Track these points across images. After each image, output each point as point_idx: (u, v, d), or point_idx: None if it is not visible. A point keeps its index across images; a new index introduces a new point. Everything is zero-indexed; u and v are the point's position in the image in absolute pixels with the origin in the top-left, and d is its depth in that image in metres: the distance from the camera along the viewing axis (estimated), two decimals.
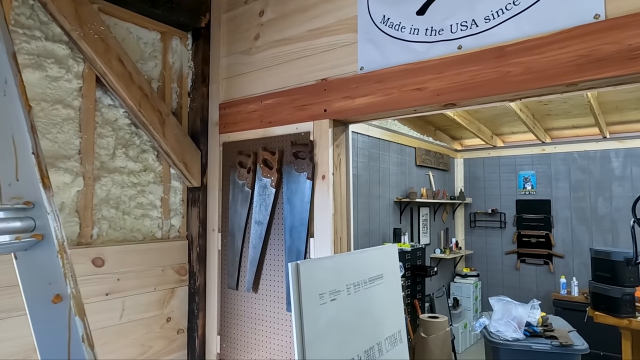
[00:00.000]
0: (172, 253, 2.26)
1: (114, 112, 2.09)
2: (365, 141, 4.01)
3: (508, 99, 1.52)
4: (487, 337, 2.69)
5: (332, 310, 1.71)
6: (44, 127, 1.84)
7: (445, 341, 2.85)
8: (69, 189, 1.90)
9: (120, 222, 2.09)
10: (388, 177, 4.38)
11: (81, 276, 1.87)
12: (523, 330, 2.60)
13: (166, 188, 2.28)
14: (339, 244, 1.89)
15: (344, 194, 1.94)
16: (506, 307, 2.65)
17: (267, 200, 2.03)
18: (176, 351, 2.25)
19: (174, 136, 2.19)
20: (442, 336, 2.84)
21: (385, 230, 4.25)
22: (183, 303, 2.29)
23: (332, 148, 1.87)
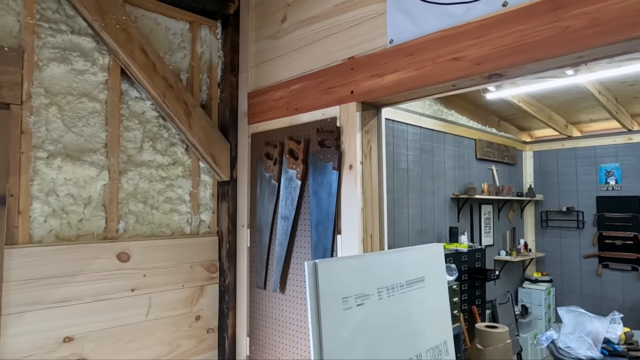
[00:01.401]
0: (202, 249, 2.18)
1: (141, 105, 2.05)
2: (416, 133, 3.71)
3: (570, 64, 1.22)
4: (555, 353, 2.31)
5: (358, 317, 1.50)
6: (70, 120, 1.83)
7: (505, 354, 2.51)
8: (94, 182, 1.88)
9: (149, 217, 2.05)
10: (443, 172, 4.04)
11: (105, 271, 1.84)
12: (600, 348, 2.19)
13: (195, 182, 2.21)
14: (369, 242, 1.68)
15: (375, 185, 1.72)
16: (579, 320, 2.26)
17: (292, 194, 1.87)
18: (206, 351, 2.16)
19: (200, 128, 2.11)
20: (501, 349, 2.50)
21: (441, 229, 3.92)
22: (213, 301, 2.21)
23: (360, 134, 1.66)
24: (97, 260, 1.83)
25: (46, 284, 1.69)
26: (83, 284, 1.78)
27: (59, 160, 1.78)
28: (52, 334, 1.69)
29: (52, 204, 1.76)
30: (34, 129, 1.72)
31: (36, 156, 1.72)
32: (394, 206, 3.43)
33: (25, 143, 1.68)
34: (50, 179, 1.76)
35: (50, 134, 1.77)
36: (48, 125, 1.76)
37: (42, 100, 1.75)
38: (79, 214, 1.83)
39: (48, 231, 1.74)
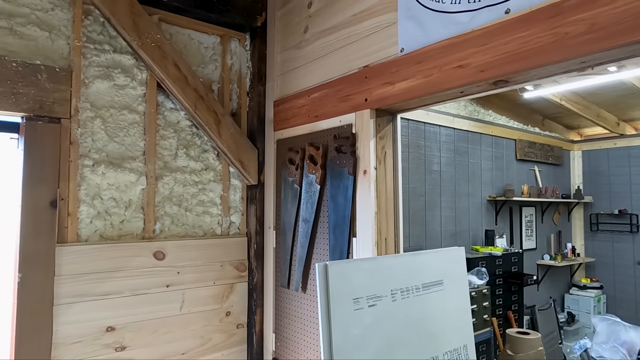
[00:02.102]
0: (232, 249, 2.32)
1: (176, 115, 2.22)
2: (449, 134, 3.68)
3: (575, 69, 1.21)
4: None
5: (370, 318, 1.56)
6: (113, 131, 2.02)
7: None
8: (134, 187, 2.06)
9: (183, 219, 2.21)
10: (480, 173, 3.96)
11: (143, 268, 2.02)
12: (636, 358, 2.08)
13: (225, 186, 2.35)
14: (383, 245, 1.73)
15: (390, 190, 1.77)
16: (613, 329, 2.16)
17: (312, 198, 1.96)
18: (235, 345, 2.30)
19: (229, 135, 2.25)
20: (532, 356, 2.43)
21: (477, 231, 3.85)
22: (242, 299, 2.34)
23: (374, 140, 1.71)
24: (136, 258, 2.01)
25: (92, 278, 1.89)
26: (123, 279, 1.97)
27: (102, 167, 1.97)
28: (97, 323, 1.89)
29: (97, 207, 1.96)
30: (81, 139, 1.92)
31: (83, 164, 1.93)
32: (426, 209, 3.42)
33: (73, 152, 1.89)
34: (96, 184, 1.96)
35: (95, 143, 1.97)
36: (93, 136, 1.96)
37: (88, 113, 1.95)
38: (121, 216, 2.02)
39: (93, 231, 1.94)
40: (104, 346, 1.90)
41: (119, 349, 1.94)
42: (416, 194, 3.34)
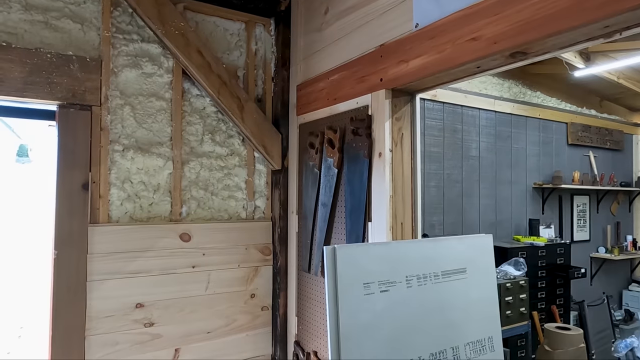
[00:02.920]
0: (256, 233, 2.36)
1: (201, 101, 2.27)
2: (490, 118, 3.48)
3: (598, 35, 1.09)
4: None
5: (382, 303, 1.53)
6: (141, 117, 2.11)
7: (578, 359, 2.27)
8: (162, 171, 2.15)
9: (209, 202, 2.27)
10: (524, 159, 3.73)
11: (170, 249, 2.11)
12: None
13: (250, 171, 2.38)
14: (399, 230, 1.68)
15: (407, 174, 1.70)
16: None
17: (330, 182, 1.94)
18: (260, 327, 2.35)
19: (253, 121, 2.27)
20: (572, 353, 2.27)
21: (520, 221, 3.64)
22: (267, 282, 2.38)
23: (389, 122, 1.66)
24: (163, 239, 2.10)
25: (122, 257, 2.00)
26: (152, 259, 2.06)
27: (132, 152, 2.07)
28: (127, 299, 2.00)
29: (127, 190, 2.06)
30: (111, 126, 2.03)
31: (113, 149, 2.03)
32: (462, 196, 3.28)
33: (104, 138, 1.99)
34: (126, 168, 2.06)
35: (125, 130, 2.07)
36: (123, 123, 2.06)
37: (118, 101, 2.05)
38: (149, 199, 2.12)
39: (124, 213, 2.05)
40: (134, 321, 2.01)
41: (148, 325, 2.04)
42: (452, 181, 3.21)
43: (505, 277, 2.61)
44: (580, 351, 2.31)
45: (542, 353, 2.48)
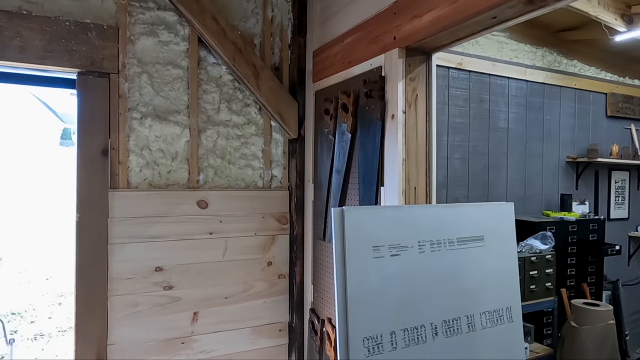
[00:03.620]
0: (273, 202, 2.36)
1: (218, 70, 2.27)
2: (520, 87, 3.31)
3: None
4: None
5: (392, 267, 1.50)
6: (158, 86, 2.13)
7: (606, 337, 2.16)
8: (179, 139, 2.17)
9: (226, 171, 2.29)
10: (557, 132, 3.54)
11: (188, 215, 2.15)
12: None
13: (267, 140, 2.38)
14: (412, 194, 1.63)
15: (421, 136, 1.65)
16: None
17: (344, 148, 1.90)
18: (277, 294, 2.37)
19: (268, 88, 2.25)
20: (600, 329, 2.16)
21: (551, 196, 3.48)
22: (284, 250, 2.39)
23: (403, 82, 1.59)
24: (181, 206, 2.14)
25: (141, 222, 2.06)
26: (170, 224, 2.11)
27: (149, 120, 2.10)
28: (147, 263, 2.06)
29: (146, 157, 2.10)
30: (129, 94, 2.06)
31: (132, 117, 2.07)
32: (489, 169, 3.16)
33: (122, 105, 2.03)
34: (144, 136, 2.10)
35: (143, 97, 2.10)
36: (141, 91, 2.09)
37: (135, 69, 2.07)
38: (168, 166, 2.15)
39: (143, 179, 2.10)
40: (154, 284, 2.08)
41: (167, 288, 2.10)
42: (477, 153, 3.10)
43: (531, 250, 2.51)
44: (609, 328, 2.19)
45: (568, 329, 2.38)
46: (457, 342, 1.60)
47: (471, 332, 1.65)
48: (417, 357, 1.49)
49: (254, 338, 2.30)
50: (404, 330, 1.50)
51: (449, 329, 1.60)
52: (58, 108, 12.82)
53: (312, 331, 2.21)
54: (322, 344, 2.10)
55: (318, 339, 2.12)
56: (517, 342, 1.78)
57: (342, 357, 1.36)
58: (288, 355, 2.38)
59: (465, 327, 1.64)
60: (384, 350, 1.45)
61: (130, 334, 2.02)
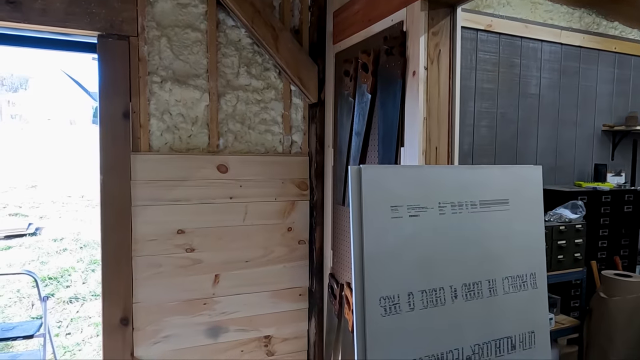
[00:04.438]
0: (293, 167, 2.35)
1: (237, 33, 2.23)
2: (554, 51, 3.13)
3: None
4: None
5: (411, 228, 1.47)
6: (178, 49, 2.12)
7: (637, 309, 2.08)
8: (199, 103, 2.17)
9: (246, 136, 2.28)
10: (594, 99, 3.35)
11: (208, 179, 2.16)
12: None
13: (286, 104, 2.34)
14: (433, 155, 1.58)
15: (444, 94, 1.58)
16: None
17: (364, 109, 1.85)
18: (297, 260, 2.38)
19: (287, 51, 2.20)
20: (631, 301, 2.07)
21: (584, 167, 3.32)
22: (304, 216, 2.39)
23: (425, 36, 1.52)
24: (201, 170, 2.15)
25: (163, 185, 2.09)
26: (191, 188, 2.13)
27: (169, 84, 2.10)
28: (169, 225, 2.10)
29: (167, 121, 2.12)
30: (149, 57, 2.06)
31: (152, 80, 2.07)
32: (518, 138, 3.03)
33: (142, 69, 2.04)
34: (164, 100, 2.10)
35: (163, 61, 2.09)
36: (160, 54, 2.09)
37: (155, 32, 2.07)
38: (188, 131, 2.16)
39: (164, 143, 2.11)
40: (176, 246, 2.12)
41: (189, 250, 2.14)
42: (506, 120, 2.97)
43: (560, 220, 2.42)
44: None
45: (596, 300, 2.30)
46: (477, 306, 1.56)
47: (492, 297, 1.61)
48: (435, 319, 1.47)
49: (275, 301, 2.33)
50: (422, 292, 1.48)
51: (469, 292, 1.56)
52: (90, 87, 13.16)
53: (331, 296, 2.22)
54: (341, 308, 2.11)
55: (337, 303, 2.13)
56: (540, 309, 1.73)
57: (358, 316, 1.35)
58: (308, 319, 2.41)
59: (487, 291, 1.60)
60: (401, 311, 1.43)
61: (154, 294, 2.08)
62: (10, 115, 40.44)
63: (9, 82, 57.16)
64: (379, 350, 1.38)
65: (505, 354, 1.62)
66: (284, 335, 2.37)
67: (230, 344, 2.25)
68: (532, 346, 1.69)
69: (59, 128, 28.00)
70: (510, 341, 1.64)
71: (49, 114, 39.10)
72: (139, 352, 2.06)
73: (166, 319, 2.11)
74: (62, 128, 29.38)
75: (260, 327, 2.31)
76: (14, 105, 44.00)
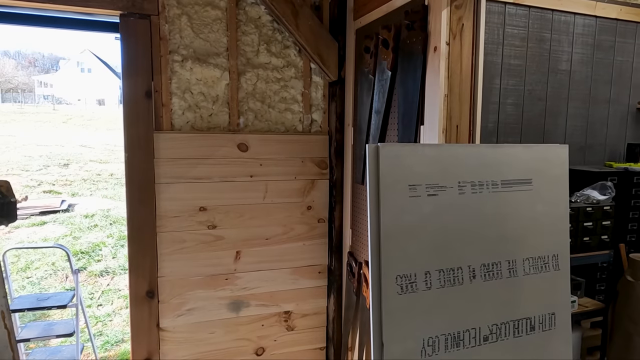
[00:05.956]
0: (312, 146, 2.35)
1: (257, 10, 2.21)
2: (588, 25, 2.97)
3: None
4: None
5: (429, 207, 1.46)
6: (198, 27, 2.13)
7: None
8: (219, 82, 2.18)
9: (266, 115, 2.29)
10: (630, 74, 3.18)
11: (229, 158, 2.19)
12: None
13: (306, 83, 2.33)
14: (454, 133, 1.55)
15: (466, 70, 1.53)
16: None
17: (384, 86, 1.82)
18: (317, 238, 2.41)
19: (307, 27, 2.17)
20: None
21: (616, 147, 3.18)
22: (324, 195, 2.40)
23: (447, 10, 1.47)
24: (222, 148, 2.18)
25: (185, 163, 2.13)
26: (212, 166, 2.17)
27: (190, 62, 2.12)
28: (191, 202, 2.15)
29: (188, 100, 2.14)
30: (169, 36, 2.07)
31: (173, 59, 2.09)
32: (546, 116, 2.92)
33: (163, 48, 2.05)
34: (186, 79, 2.12)
35: (183, 40, 2.10)
36: (181, 33, 2.09)
37: (175, 10, 2.07)
38: (209, 110, 2.18)
39: (185, 122, 2.15)
40: (198, 223, 2.17)
41: (211, 227, 2.19)
42: (533, 98, 2.86)
43: (587, 201, 2.34)
44: None
45: (623, 283, 2.24)
46: (496, 286, 1.55)
47: (512, 278, 1.59)
48: (452, 298, 1.47)
49: (295, 278, 2.38)
50: (440, 271, 1.47)
51: (488, 272, 1.55)
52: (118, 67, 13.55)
53: (349, 274, 2.24)
54: (359, 286, 2.13)
55: (355, 281, 2.15)
56: (562, 291, 1.70)
57: (374, 293, 1.36)
58: (327, 296, 2.45)
59: (506, 272, 1.58)
60: (417, 289, 1.43)
61: (178, 268, 2.15)
62: (43, 96, 41.75)
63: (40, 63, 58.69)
64: (395, 327, 1.40)
65: (523, 334, 1.61)
66: (303, 311, 2.42)
67: (251, 318, 2.31)
68: (552, 327, 1.67)
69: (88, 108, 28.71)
70: (529, 322, 1.63)
71: (79, 94, 40.11)
72: (164, 323, 2.15)
73: (190, 292, 2.18)
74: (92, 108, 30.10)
75: (281, 302, 2.36)
76: (46, 86, 45.34)
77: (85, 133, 16.48)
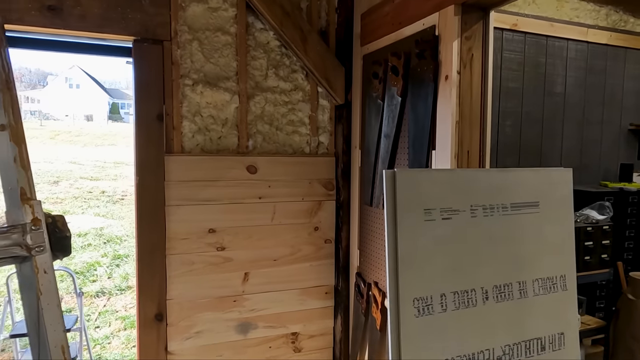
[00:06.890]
0: (319, 168, 2.38)
1: (265, 35, 2.27)
2: (580, 49, 3.10)
3: None
4: None
5: (443, 230, 1.49)
6: (208, 52, 2.17)
7: None
8: (229, 105, 2.22)
9: (274, 137, 2.32)
10: (621, 97, 3.31)
11: (238, 180, 2.21)
12: None
13: (313, 106, 2.38)
14: (465, 158, 1.60)
15: (476, 98, 1.59)
16: None
17: (394, 112, 1.87)
18: (324, 259, 2.43)
19: (316, 53, 2.23)
20: None
21: (610, 166, 3.29)
22: (330, 216, 2.42)
23: (458, 41, 1.53)
24: (232, 170, 2.20)
25: (195, 185, 2.14)
26: (221, 188, 2.19)
27: (201, 86, 2.15)
28: (200, 224, 2.16)
29: (198, 123, 2.17)
30: (181, 61, 2.11)
31: (184, 83, 2.12)
32: (542, 137, 3.02)
33: (175, 72, 2.09)
34: (196, 102, 2.15)
35: (194, 64, 2.14)
36: (192, 57, 2.13)
37: (186, 36, 2.11)
38: (218, 132, 2.21)
39: (195, 145, 2.17)
40: (207, 244, 2.18)
41: (220, 249, 2.20)
42: (531, 120, 2.96)
43: (587, 221, 2.41)
44: None
45: (623, 301, 2.30)
46: (507, 307, 1.58)
47: (523, 299, 1.62)
48: (466, 320, 1.49)
49: (302, 299, 2.38)
50: (454, 293, 1.50)
51: (500, 294, 1.58)
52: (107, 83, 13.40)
53: (357, 294, 2.26)
54: (368, 307, 2.14)
55: (364, 302, 2.17)
56: (570, 311, 1.74)
57: (393, 316, 1.38)
58: (334, 317, 2.46)
59: (517, 293, 1.62)
60: (433, 312, 1.46)
61: (186, 290, 2.15)
62: (30, 112, 41.30)
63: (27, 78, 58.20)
64: (413, 349, 1.42)
65: (535, 354, 1.64)
66: (310, 332, 2.42)
67: (258, 340, 2.30)
68: (562, 347, 1.70)
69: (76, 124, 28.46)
70: (540, 342, 1.66)
71: (67, 110, 39.80)
72: (172, 346, 2.13)
73: (198, 314, 2.17)
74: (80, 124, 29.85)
75: (288, 324, 2.36)
76: (33, 102, 44.91)
77: (73, 149, 16.32)
